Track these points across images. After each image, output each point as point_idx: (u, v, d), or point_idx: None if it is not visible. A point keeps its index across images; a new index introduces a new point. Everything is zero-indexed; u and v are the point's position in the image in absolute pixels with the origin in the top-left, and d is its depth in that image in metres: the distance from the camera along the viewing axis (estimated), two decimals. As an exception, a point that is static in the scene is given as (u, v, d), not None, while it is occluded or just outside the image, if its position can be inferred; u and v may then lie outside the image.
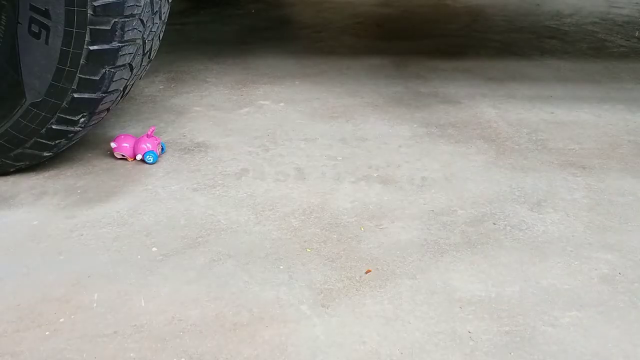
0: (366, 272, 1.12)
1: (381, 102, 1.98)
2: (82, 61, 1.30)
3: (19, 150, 1.42)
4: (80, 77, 1.32)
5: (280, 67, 2.32)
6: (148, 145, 1.53)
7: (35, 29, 1.27)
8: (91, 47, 1.28)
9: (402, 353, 0.93)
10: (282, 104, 1.95)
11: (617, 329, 0.98)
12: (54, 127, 1.38)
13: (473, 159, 1.57)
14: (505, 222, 1.28)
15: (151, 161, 1.53)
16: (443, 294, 1.06)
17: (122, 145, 1.54)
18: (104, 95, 1.37)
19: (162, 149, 1.59)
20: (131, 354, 0.93)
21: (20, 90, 1.33)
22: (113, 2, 1.26)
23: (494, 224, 1.28)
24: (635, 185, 1.43)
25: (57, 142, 1.42)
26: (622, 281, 1.09)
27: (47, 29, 1.26)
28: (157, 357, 0.93)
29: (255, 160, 1.57)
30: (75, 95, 1.34)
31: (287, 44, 2.67)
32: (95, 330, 0.98)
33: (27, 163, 1.46)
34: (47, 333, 0.98)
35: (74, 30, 1.26)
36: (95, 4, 1.24)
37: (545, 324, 0.99)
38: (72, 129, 1.41)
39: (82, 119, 1.40)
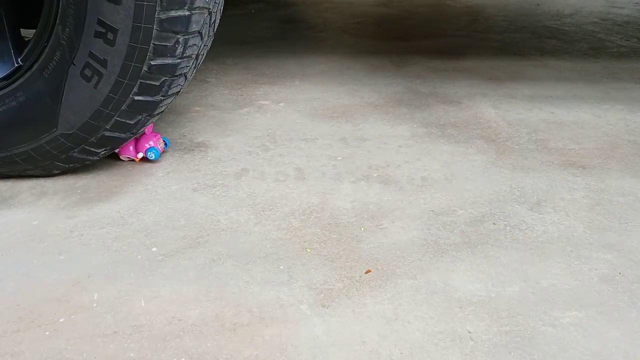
0: (366, 272, 1.12)
1: (381, 102, 1.98)
2: (123, 107, 1.34)
3: (30, 167, 1.44)
4: (116, 120, 1.37)
5: (280, 67, 2.32)
6: (150, 143, 1.53)
7: (88, 73, 1.31)
8: (136, 97, 1.34)
9: (402, 353, 0.93)
10: (282, 104, 1.95)
11: (617, 329, 0.98)
12: (75, 155, 1.42)
13: (473, 159, 1.57)
14: (505, 222, 1.28)
15: (153, 157, 1.53)
16: (443, 294, 1.06)
17: (127, 149, 1.54)
18: (131, 135, 1.43)
19: (166, 145, 1.59)
20: (131, 354, 0.93)
21: (54, 121, 1.36)
22: (169, 64, 1.32)
23: (494, 224, 1.28)
24: (635, 185, 1.43)
25: (71, 165, 1.46)
26: (622, 281, 1.09)
27: (100, 75, 1.31)
28: (157, 357, 0.93)
29: (255, 160, 1.57)
30: (107, 134, 1.39)
31: (287, 44, 2.67)
32: (95, 330, 0.98)
33: (32, 175, 1.48)
34: (47, 333, 0.98)
35: (125, 81, 1.31)
36: (152, 63, 1.29)
37: (545, 324, 0.99)
38: (91, 158, 1.45)
39: (104, 152, 1.45)
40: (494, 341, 0.95)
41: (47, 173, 1.47)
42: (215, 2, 1.37)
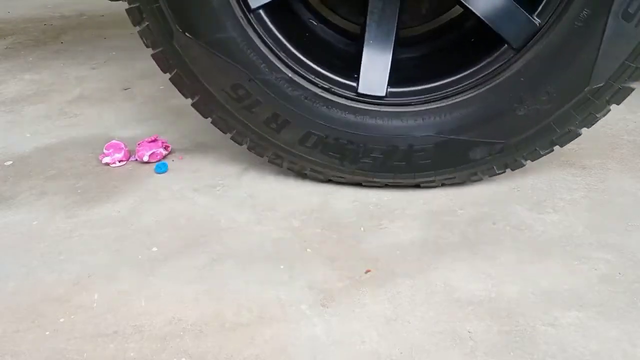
0: (366, 272, 1.12)
1: (381, 102, 1.97)
2: None
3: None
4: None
5: (280, 67, 2.32)
6: (161, 150, 1.55)
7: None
8: None
9: (402, 353, 0.93)
10: (282, 104, 1.95)
11: (617, 329, 0.98)
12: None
13: (473, 159, 1.57)
14: (505, 222, 1.28)
15: (162, 170, 1.51)
16: (443, 294, 1.06)
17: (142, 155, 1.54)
18: None
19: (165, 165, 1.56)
20: (131, 354, 0.93)
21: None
22: None
23: (494, 224, 1.28)
24: (635, 185, 1.43)
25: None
26: (622, 281, 1.09)
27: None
28: (157, 357, 0.93)
29: (255, 160, 1.56)
30: None
31: (287, 44, 2.66)
32: (95, 330, 0.98)
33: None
34: (47, 333, 0.98)
35: None
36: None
37: (545, 324, 0.99)
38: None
39: None
40: (494, 341, 0.95)
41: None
42: None
